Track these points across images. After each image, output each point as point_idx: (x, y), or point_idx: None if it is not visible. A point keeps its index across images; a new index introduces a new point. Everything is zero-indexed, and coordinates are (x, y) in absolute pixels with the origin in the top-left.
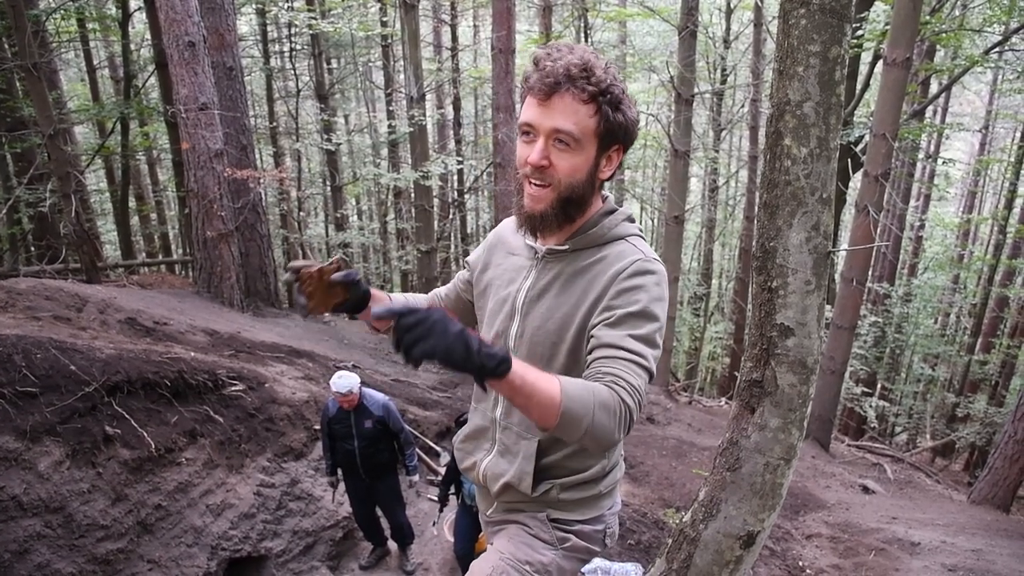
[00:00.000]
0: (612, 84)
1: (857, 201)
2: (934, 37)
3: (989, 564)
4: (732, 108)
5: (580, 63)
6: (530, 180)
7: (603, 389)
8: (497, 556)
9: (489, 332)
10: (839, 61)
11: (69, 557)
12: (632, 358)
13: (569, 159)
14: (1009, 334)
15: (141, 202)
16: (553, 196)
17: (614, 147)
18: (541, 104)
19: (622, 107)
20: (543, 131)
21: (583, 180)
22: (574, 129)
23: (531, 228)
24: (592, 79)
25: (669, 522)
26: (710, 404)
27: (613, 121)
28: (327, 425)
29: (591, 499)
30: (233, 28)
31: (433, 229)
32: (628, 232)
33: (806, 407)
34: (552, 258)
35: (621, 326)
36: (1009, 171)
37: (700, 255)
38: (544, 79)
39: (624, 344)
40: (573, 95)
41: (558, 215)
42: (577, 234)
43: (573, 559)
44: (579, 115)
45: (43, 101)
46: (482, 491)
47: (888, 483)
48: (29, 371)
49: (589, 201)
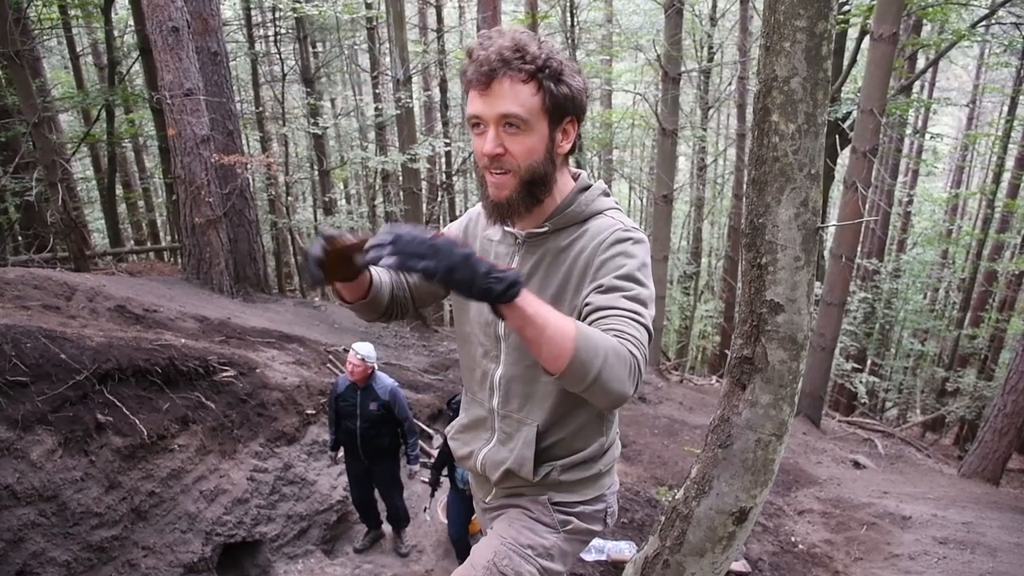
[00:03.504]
0: (549, 58)
1: (845, 177)
2: (921, 11)
3: (979, 536)
4: (719, 86)
5: (512, 45)
6: (490, 170)
7: (614, 341)
8: (498, 540)
9: (478, 320)
10: (826, 36)
11: (64, 545)
12: (629, 315)
13: (522, 141)
14: (998, 308)
15: (128, 189)
16: (515, 181)
17: (566, 120)
18: (483, 94)
19: (564, 78)
20: (491, 120)
21: (541, 159)
22: (520, 111)
23: (501, 216)
24: (527, 57)
25: (662, 500)
26: (701, 382)
27: (558, 94)
28: (334, 401)
29: (591, 478)
30: (217, 13)
31: (422, 212)
32: (605, 206)
33: (796, 383)
34: (533, 241)
35: (612, 292)
36: (997, 145)
37: (689, 234)
38: (480, 68)
39: (618, 304)
40: (512, 78)
41: (524, 198)
42: (555, 214)
43: (575, 541)
44: (522, 96)
45: (27, 89)
46: (479, 479)
47: (879, 458)
48: (19, 360)
49: (553, 178)
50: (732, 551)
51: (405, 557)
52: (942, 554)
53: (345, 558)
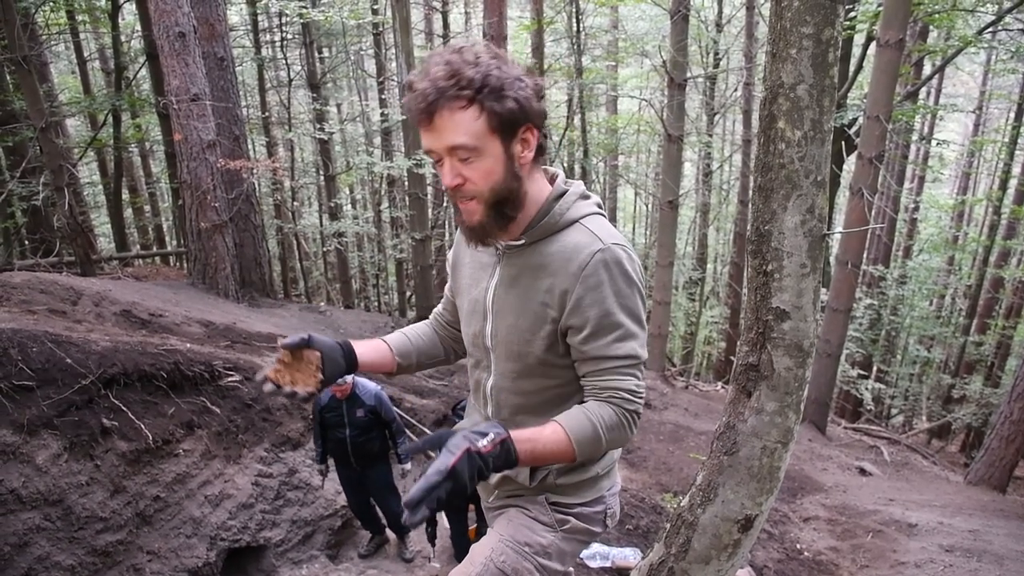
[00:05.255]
0: (487, 76)
1: (851, 183)
2: (927, 18)
3: (986, 544)
4: (725, 92)
5: (445, 72)
6: (457, 199)
7: (605, 409)
8: (496, 538)
9: (468, 332)
10: (832, 43)
11: (69, 549)
12: (620, 365)
13: (478, 167)
14: (1004, 315)
15: (134, 194)
16: (482, 206)
17: (521, 130)
18: (427, 129)
19: (505, 92)
20: (442, 152)
21: (502, 178)
22: (466, 140)
23: (478, 239)
24: (463, 83)
25: (667, 507)
26: (706, 388)
27: (503, 111)
28: (319, 414)
29: (588, 481)
30: (223, 18)
31: (427, 217)
32: (582, 213)
33: (802, 390)
34: (512, 253)
35: (600, 336)
36: (1003, 151)
37: (695, 240)
38: (419, 105)
39: (609, 353)
40: (451, 108)
41: (496, 219)
42: (531, 226)
43: (573, 541)
44: (465, 123)
45: (34, 94)
46: (483, 482)
47: (885, 465)
48: (25, 365)
49: (520, 193)
50: (738, 559)
51: (410, 562)
52: (948, 562)
53: (350, 563)
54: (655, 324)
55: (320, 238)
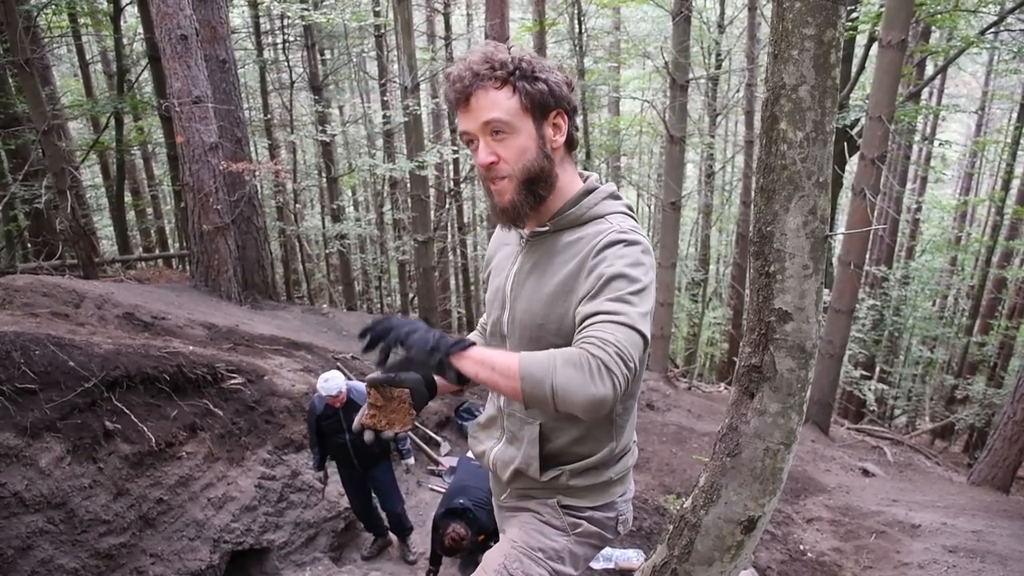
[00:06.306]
0: (520, 60)
1: (854, 184)
2: (929, 18)
3: (989, 545)
4: (727, 93)
5: (480, 59)
6: (490, 180)
7: (569, 349)
8: (509, 544)
9: (488, 322)
10: (834, 44)
11: (72, 552)
12: (604, 318)
13: (512, 144)
14: (1007, 315)
15: (137, 197)
16: (514, 184)
17: (552, 114)
18: (465, 111)
19: (538, 75)
20: (478, 131)
21: (535, 156)
22: (501, 115)
23: (510, 221)
24: (497, 65)
25: (670, 508)
26: (709, 390)
27: (534, 92)
28: (315, 423)
29: (601, 485)
30: (225, 20)
31: (430, 219)
32: (609, 210)
33: (805, 391)
34: (535, 240)
35: (596, 297)
36: (1006, 152)
37: (697, 241)
38: (456, 88)
39: (599, 308)
40: (486, 88)
41: (527, 198)
42: (557, 215)
43: (585, 545)
44: (499, 101)
45: (36, 97)
46: (494, 478)
47: (888, 466)
48: (28, 368)
49: (552, 174)
50: (741, 560)
51: (413, 564)
52: (952, 563)
53: (353, 565)
54: (658, 325)
55: (322, 240)
